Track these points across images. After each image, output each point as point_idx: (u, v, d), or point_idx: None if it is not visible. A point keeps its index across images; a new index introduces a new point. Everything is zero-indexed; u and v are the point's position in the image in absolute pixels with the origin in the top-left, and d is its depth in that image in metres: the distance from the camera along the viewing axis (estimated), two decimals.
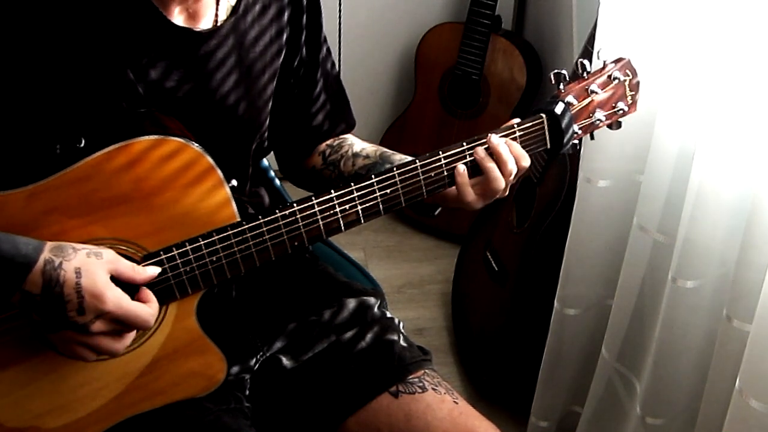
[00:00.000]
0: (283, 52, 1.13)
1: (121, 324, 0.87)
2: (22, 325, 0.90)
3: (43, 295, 0.83)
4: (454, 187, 1.03)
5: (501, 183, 1.02)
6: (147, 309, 0.89)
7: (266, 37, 1.09)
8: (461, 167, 1.02)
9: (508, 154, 1.02)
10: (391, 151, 1.17)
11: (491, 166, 1.02)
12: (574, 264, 1.59)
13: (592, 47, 1.45)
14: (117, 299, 0.86)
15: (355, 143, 1.22)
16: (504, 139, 1.03)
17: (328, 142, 1.24)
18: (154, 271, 0.92)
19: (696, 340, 1.35)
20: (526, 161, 1.04)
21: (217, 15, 1.02)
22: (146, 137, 0.90)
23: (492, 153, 1.02)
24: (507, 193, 1.05)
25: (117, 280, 0.88)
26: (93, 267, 0.85)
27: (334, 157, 1.21)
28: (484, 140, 1.03)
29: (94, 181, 0.89)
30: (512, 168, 1.02)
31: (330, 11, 2.60)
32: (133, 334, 0.91)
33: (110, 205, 0.91)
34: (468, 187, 1.03)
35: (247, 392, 1.12)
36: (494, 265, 1.95)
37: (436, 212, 1.12)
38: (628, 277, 1.49)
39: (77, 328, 0.85)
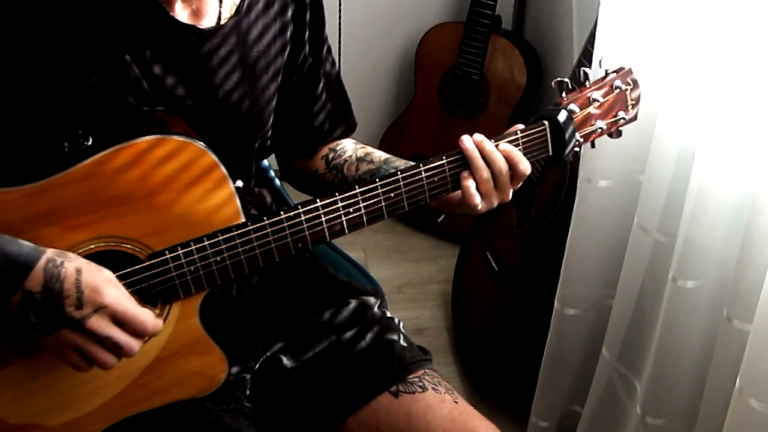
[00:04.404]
0: (288, 48, 1.13)
1: (118, 325, 0.87)
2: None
3: (43, 291, 0.84)
4: (458, 192, 1.03)
5: (490, 183, 1.01)
6: (148, 313, 0.89)
7: (270, 34, 1.09)
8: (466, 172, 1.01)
9: (496, 155, 1.01)
10: (395, 158, 1.17)
11: (480, 164, 1.01)
12: (574, 264, 1.59)
13: (593, 47, 1.45)
14: (116, 295, 0.87)
15: (359, 148, 1.22)
16: (504, 145, 1.02)
17: (331, 145, 1.23)
18: (154, 322, 0.90)
19: (696, 340, 1.35)
20: (524, 165, 1.03)
21: (220, 13, 1.02)
22: (149, 137, 0.91)
23: (483, 155, 1.01)
24: (509, 197, 1.04)
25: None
26: (94, 268, 0.87)
27: (337, 162, 1.20)
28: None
29: (98, 179, 0.90)
30: (501, 166, 1.01)
31: (330, 11, 2.57)
32: (129, 347, 0.88)
33: (115, 204, 0.91)
34: (472, 190, 1.01)
35: (248, 392, 1.12)
36: (494, 265, 1.95)
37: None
38: (629, 277, 1.49)
39: (74, 325, 0.85)
